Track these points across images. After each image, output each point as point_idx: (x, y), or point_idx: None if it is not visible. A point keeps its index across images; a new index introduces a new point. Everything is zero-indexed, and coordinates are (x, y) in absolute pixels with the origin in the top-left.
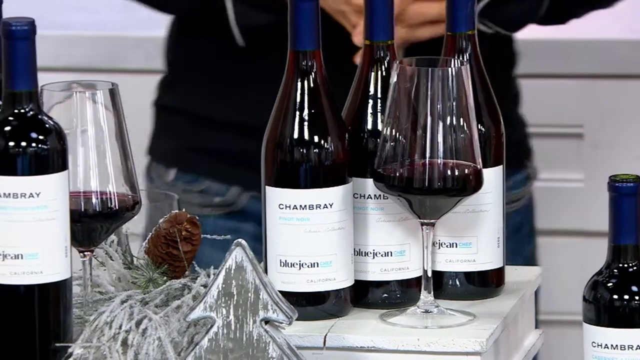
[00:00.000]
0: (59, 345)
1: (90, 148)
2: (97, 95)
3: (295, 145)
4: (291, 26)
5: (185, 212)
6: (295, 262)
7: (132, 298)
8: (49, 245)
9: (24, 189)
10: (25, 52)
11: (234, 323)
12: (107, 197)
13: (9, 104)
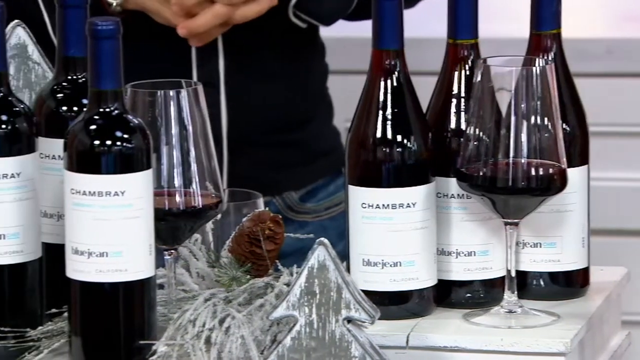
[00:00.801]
0: (143, 342)
1: (174, 147)
2: (182, 94)
3: (379, 145)
4: (375, 25)
5: (269, 211)
6: (378, 261)
7: (215, 296)
8: (134, 243)
9: (109, 188)
10: (110, 51)
11: (317, 322)
12: (191, 195)
13: (95, 103)
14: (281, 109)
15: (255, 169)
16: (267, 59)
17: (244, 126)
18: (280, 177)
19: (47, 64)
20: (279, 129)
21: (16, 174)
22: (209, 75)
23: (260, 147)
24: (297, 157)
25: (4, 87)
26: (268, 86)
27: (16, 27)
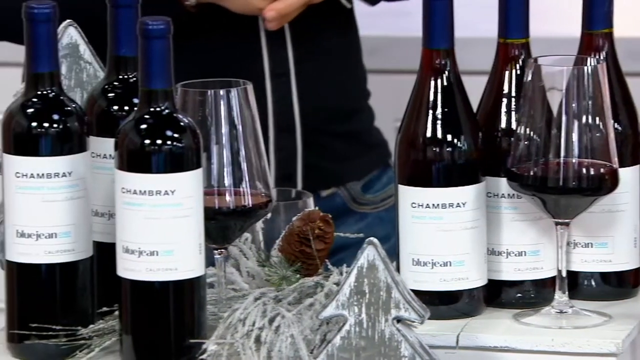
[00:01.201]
0: (193, 341)
1: (224, 146)
2: (232, 94)
3: (429, 144)
4: (425, 24)
5: (319, 211)
6: (428, 261)
7: (265, 295)
8: (184, 242)
9: (159, 187)
10: (161, 50)
11: (366, 321)
12: (241, 194)
13: (145, 102)
14: (342, 97)
15: (325, 159)
16: (327, 46)
17: (315, 115)
18: (345, 167)
19: (99, 63)
20: (342, 117)
21: (68, 173)
22: (280, 65)
23: (328, 137)
24: (357, 147)
25: (56, 86)
26: (331, 73)
27: (68, 27)
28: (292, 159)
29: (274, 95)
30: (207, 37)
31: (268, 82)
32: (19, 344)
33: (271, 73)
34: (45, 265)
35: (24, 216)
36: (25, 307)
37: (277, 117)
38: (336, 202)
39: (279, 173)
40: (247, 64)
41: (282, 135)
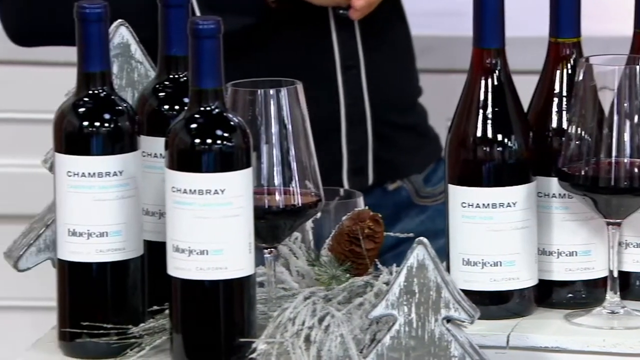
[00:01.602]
0: (243, 340)
1: (274, 145)
2: (282, 93)
3: (479, 144)
4: (476, 24)
5: (369, 210)
6: (478, 260)
7: (315, 295)
8: (234, 241)
9: (209, 186)
10: (211, 50)
11: (416, 321)
12: (291, 194)
13: (195, 102)
14: (405, 89)
15: (392, 151)
16: (391, 37)
17: (383, 107)
18: (409, 159)
19: (150, 63)
20: (406, 109)
21: (119, 172)
22: (351, 57)
23: (395, 129)
24: (418, 139)
25: (107, 85)
26: (395, 65)
27: (119, 26)
28: (364, 152)
29: (345, 88)
30: (279, 33)
31: (339, 76)
32: (70, 342)
33: (342, 66)
34: (96, 264)
35: (76, 215)
36: (76, 306)
37: (349, 109)
38: (402, 195)
39: (350, 166)
40: (318, 58)
41: (354, 128)
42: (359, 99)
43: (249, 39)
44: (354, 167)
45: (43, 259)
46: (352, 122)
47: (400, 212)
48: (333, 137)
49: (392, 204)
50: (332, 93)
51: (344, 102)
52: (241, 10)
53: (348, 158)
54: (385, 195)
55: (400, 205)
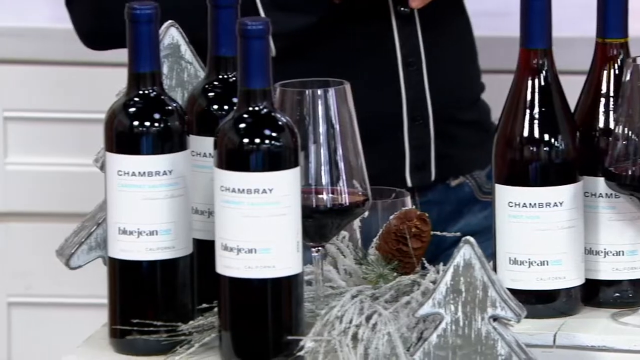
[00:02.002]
0: (290, 338)
1: (321, 145)
2: (329, 93)
3: (526, 144)
4: (523, 24)
5: (415, 209)
6: (525, 260)
7: (362, 293)
8: (282, 240)
9: (257, 185)
10: (260, 50)
11: (462, 320)
12: (338, 193)
13: (244, 102)
14: (467, 85)
15: (454, 147)
16: (452, 31)
17: (445, 103)
18: (472, 155)
19: (199, 63)
20: (468, 105)
21: (168, 171)
22: (412, 54)
23: (457, 125)
24: (480, 135)
25: (157, 86)
26: (457, 60)
27: (170, 27)
28: (426, 148)
29: (406, 84)
30: (340, 31)
31: (401, 72)
32: (121, 339)
33: (403, 62)
34: (146, 262)
35: (126, 214)
36: (126, 303)
37: (411, 106)
38: (465, 191)
39: (413, 162)
40: (380, 55)
41: (416, 124)
42: (420, 95)
43: (311, 37)
44: (416, 163)
45: (94, 257)
46: (414, 119)
47: (463, 208)
48: (395, 133)
49: (455, 199)
50: (394, 90)
51: (405, 98)
52: (305, 8)
53: (410, 154)
54: (448, 191)
55: (463, 201)
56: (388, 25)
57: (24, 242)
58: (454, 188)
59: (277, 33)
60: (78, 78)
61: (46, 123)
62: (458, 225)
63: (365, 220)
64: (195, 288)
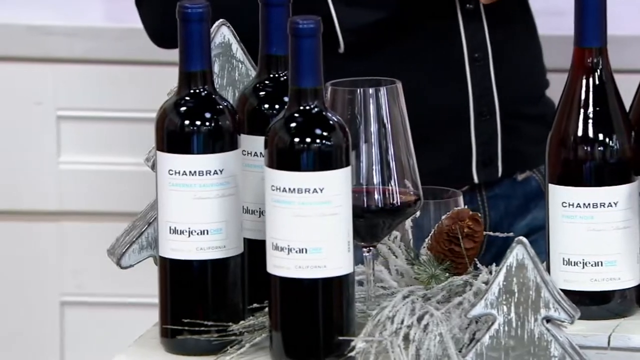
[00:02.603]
0: (341, 338)
1: (373, 145)
2: (381, 92)
3: (580, 143)
4: (577, 23)
5: (468, 209)
6: (579, 260)
7: (414, 293)
8: (332, 240)
9: (308, 185)
10: (311, 49)
11: (515, 321)
12: (390, 193)
13: (295, 101)
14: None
15: (521, 142)
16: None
17: (511, 98)
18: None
19: (250, 62)
20: (534, 99)
21: (219, 171)
22: (478, 49)
23: (523, 119)
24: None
25: (209, 85)
26: (523, 56)
27: (221, 26)
28: (493, 143)
29: (473, 79)
30: (407, 26)
31: (467, 67)
32: (171, 339)
33: (470, 57)
34: (197, 261)
35: (177, 213)
36: (177, 303)
37: (477, 101)
38: (532, 185)
39: (479, 157)
40: (446, 50)
41: (483, 119)
42: (487, 90)
43: (380, 33)
44: (483, 159)
45: (145, 257)
46: (481, 113)
47: (530, 203)
48: (462, 128)
49: (522, 194)
50: (460, 85)
51: (472, 93)
52: (374, 3)
53: (477, 150)
54: (515, 186)
55: (530, 195)
56: (454, 21)
57: (77, 241)
58: (521, 182)
59: (345, 28)
60: (130, 77)
61: (98, 122)
62: (525, 220)
63: (417, 220)
64: (246, 288)
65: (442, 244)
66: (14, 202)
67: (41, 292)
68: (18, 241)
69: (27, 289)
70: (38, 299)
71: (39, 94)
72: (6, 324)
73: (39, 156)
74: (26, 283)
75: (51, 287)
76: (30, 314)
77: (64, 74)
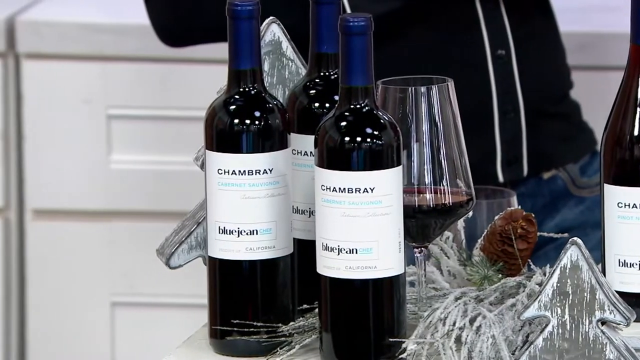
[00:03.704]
0: (392, 340)
1: (424, 144)
2: (432, 91)
3: (636, 143)
4: (633, 20)
5: (521, 210)
6: (635, 262)
7: (466, 295)
8: (383, 240)
9: (358, 184)
10: (361, 47)
11: (569, 323)
12: (441, 193)
13: (345, 99)
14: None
15: (546, 140)
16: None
17: (535, 96)
18: (563, 148)
19: (301, 60)
20: (558, 97)
21: (269, 170)
22: (501, 47)
23: (548, 117)
24: (572, 128)
25: (258, 83)
26: (545, 56)
27: (271, 23)
28: (518, 142)
29: (496, 77)
30: (425, 21)
31: (490, 65)
32: (221, 340)
33: (492, 55)
34: (246, 261)
35: (226, 213)
36: (226, 304)
37: (501, 99)
38: (558, 184)
39: (504, 156)
40: (467, 47)
41: (507, 117)
42: (510, 87)
43: (395, 25)
44: (508, 158)
45: (194, 257)
46: (505, 112)
47: (558, 202)
48: (486, 127)
49: (548, 192)
50: (483, 83)
51: (495, 91)
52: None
53: (502, 148)
54: (540, 184)
55: (557, 194)
56: (475, 17)
57: (127, 241)
58: (547, 181)
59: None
60: (180, 75)
61: (148, 121)
62: (555, 220)
63: (470, 220)
64: (296, 288)
65: (495, 245)
66: (64, 201)
67: (92, 292)
68: (68, 241)
69: (78, 290)
70: (89, 299)
71: (89, 92)
72: (58, 325)
73: (89, 155)
74: (77, 283)
75: (102, 288)
76: (82, 314)
77: (114, 72)
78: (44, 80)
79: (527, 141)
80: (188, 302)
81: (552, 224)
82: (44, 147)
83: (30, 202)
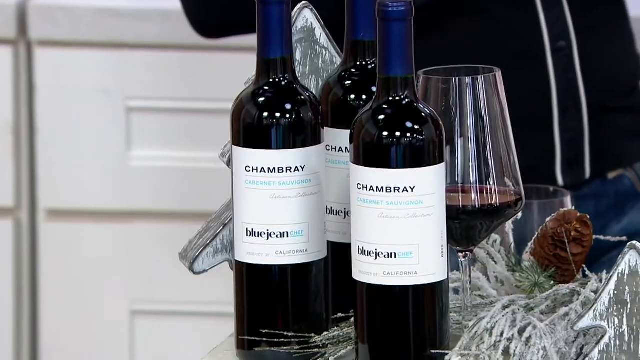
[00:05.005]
0: (434, 352)
1: (469, 139)
2: (478, 81)
3: None
4: None
5: (575, 211)
6: None
7: (515, 303)
8: (424, 243)
9: (397, 183)
10: (401, 34)
11: (628, 334)
12: (488, 192)
13: (383, 91)
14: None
15: (611, 138)
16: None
17: (599, 90)
18: (632, 145)
19: (335, 48)
20: (625, 91)
21: (300, 167)
22: (561, 37)
23: (613, 113)
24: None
25: (289, 73)
26: (611, 45)
27: (303, 9)
28: (579, 140)
29: (556, 71)
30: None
31: (549, 58)
32: (248, 351)
33: (552, 47)
34: (276, 266)
35: (254, 213)
36: (255, 312)
37: (561, 94)
38: (624, 184)
39: (564, 157)
40: (524, 39)
41: (568, 114)
42: (572, 82)
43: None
44: (568, 159)
45: (220, 261)
46: (566, 108)
47: (625, 204)
48: (544, 125)
49: (614, 193)
50: (542, 76)
51: (555, 86)
52: None
53: (562, 148)
54: (605, 184)
55: (624, 195)
56: (532, 6)
57: (147, 243)
58: (612, 180)
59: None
60: (205, 64)
61: (171, 113)
62: (621, 224)
63: (519, 222)
64: (330, 295)
65: (547, 249)
66: (79, 201)
67: (109, 300)
68: (84, 244)
69: (95, 297)
70: (106, 307)
71: (106, 83)
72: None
73: (107, 150)
74: (93, 290)
75: (120, 295)
76: (98, 324)
77: (133, 60)
78: (58, 69)
79: (589, 140)
80: (213, 310)
81: (618, 228)
82: (57, 141)
83: (43, 202)
